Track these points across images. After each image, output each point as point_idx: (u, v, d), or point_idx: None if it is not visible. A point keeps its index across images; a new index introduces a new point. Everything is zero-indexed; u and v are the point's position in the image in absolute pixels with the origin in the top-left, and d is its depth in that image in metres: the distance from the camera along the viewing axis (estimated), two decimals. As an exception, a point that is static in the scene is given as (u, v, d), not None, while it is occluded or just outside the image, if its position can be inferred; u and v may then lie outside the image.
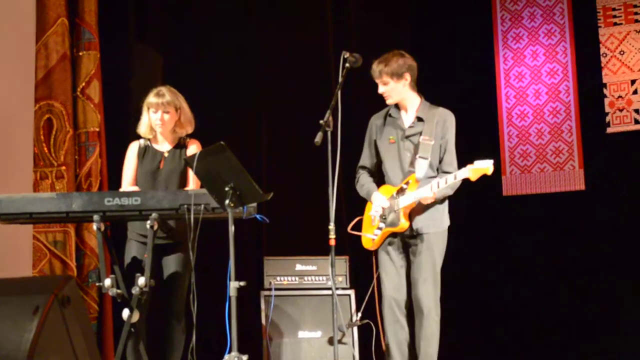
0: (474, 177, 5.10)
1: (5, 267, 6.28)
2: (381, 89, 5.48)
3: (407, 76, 5.45)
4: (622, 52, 7.26)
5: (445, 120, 5.49)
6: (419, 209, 5.37)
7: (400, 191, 5.38)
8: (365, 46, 6.81)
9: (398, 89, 5.46)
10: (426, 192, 5.22)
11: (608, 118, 7.25)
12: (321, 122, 5.04)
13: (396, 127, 5.52)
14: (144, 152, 5.70)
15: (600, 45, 7.34)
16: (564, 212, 7.35)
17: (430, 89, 5.60)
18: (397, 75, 5.42)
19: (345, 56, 5.19)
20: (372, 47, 6.82)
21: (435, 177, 5.38)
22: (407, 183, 5.36)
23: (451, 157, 5.49)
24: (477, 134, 7.52)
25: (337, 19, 7.84)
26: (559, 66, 7.52)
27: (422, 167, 5.36)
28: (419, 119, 5.47)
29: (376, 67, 5.44)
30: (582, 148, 7.37)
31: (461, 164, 5.45)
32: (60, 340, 3.60)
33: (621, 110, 7.21)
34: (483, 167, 5.05)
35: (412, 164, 5.41)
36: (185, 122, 5.72)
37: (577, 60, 7.47)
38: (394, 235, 5.42)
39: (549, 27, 7.60)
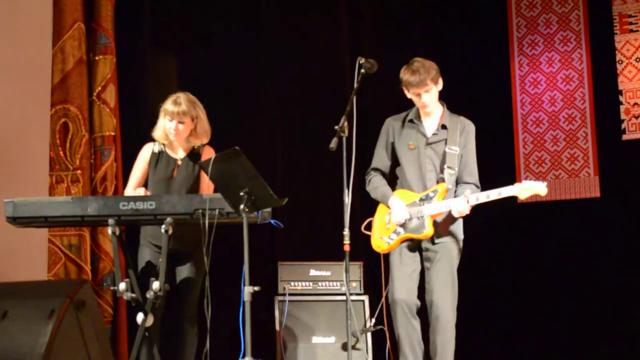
0: (523, 196, 5.10)
1: (21, 271, 6.31)
2: (425, 98, 5.36)
3: (441, 80, 5.42)
4: (638, 59, 7.24)
5: (468, 131, 5.46)
6: (443, 218, 5.37)
7: (426, 199, 5.35)
8: (380, 52, 6.82)
9: (436, 94, 5.42)
10: (462, 205, 5.20)
11: (624, 125, 7.23)
12: (336, 127, 5.02)
13: (417, 133, 5.46)
14: (157, 158, 5.67)
15: (616, 52, 7.33)
16: (579, 219, 7.33)
17: (445, 94, 5.59)
18: (436, 79, 5.37)
19: (361, 62, 5.16)
20: (387, 53, 6.83)
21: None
22: (434, 191, 5.34)
23: (473, 167, 5.46)
24: (492, 141, 7.49)
25: (352, 26, 7.84)
26: (574, 73, 7.50)
27: (450, 177, 5.34)
28: (443, 127, 5.43)
29: (419, 76, 5.28)
30: (598, 155, 7.35)
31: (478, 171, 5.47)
32: (75, 344, 3.61)
33: (637, 117, 7.19)
34: (536, 188, 5.05)
35: (435, 173, 5.40)
36: (201, 133, 5.65)
37: (593, 67, 7.46)
38: (411, 239, 5.41)
39: (565, 34, 7.58)
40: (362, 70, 5.16)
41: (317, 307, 6.47)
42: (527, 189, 5.08)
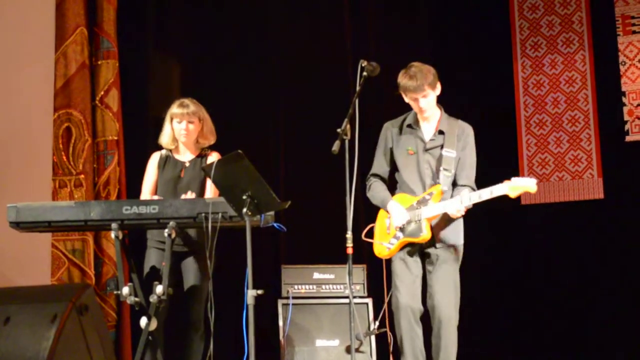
0: (513, 194, 5.03)
1: (24, 275, 6.33)
2: (423, 103, 5.31)
3: (439, 85, 5.39)
4: (641, 60, 7.24)
5: (467, 134, 5.43)
6: (441, 220, 5.34)
7: (422, 202, 5.33)
8: (383, 54, 6.81)
9: (434, 98, 5.37)
10: (456, 205, 5.15)
11: (627, 126, 7.22)
12: (339, 130, 5.03)
13: (416, 138, 5.44)
14: (164, 162, 5.73)
15: (619, 53, 7.31)
16: (582, 221, 7.31)
17: (447, 97, 5.58)
18: (434, 84, 5.31)
19: (363, 65, 5.16)
20: (390, 56, 6.82)
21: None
22: (430, 194, 5.32)
23: (471, 171, 5.43)
24: (495, 143, 7.49)
25: (355, 29, 7.84)
26: (577, 74, 7.49)
27: (446, 179, 5.32)
28: (440, 132, 5.41)
29: (416, 82, 5.23)
30: (601, 156, 7.33)
31: (479, 173, 5.45)
32: (78, 348, 3.62)
33: (640, 119, 7.19)
34: (525, 185, 4.99)
35: (432, 177, 5.38)
36: (208, 133, 5.77)
37: (596, 69, 7.44)
38: (411, 244, 5.39)
39: (568, 36, 7.57)
40: (364, 73, 5.16)
41: (320, 310, 6.46)
42: (517, 187, 5.00)
